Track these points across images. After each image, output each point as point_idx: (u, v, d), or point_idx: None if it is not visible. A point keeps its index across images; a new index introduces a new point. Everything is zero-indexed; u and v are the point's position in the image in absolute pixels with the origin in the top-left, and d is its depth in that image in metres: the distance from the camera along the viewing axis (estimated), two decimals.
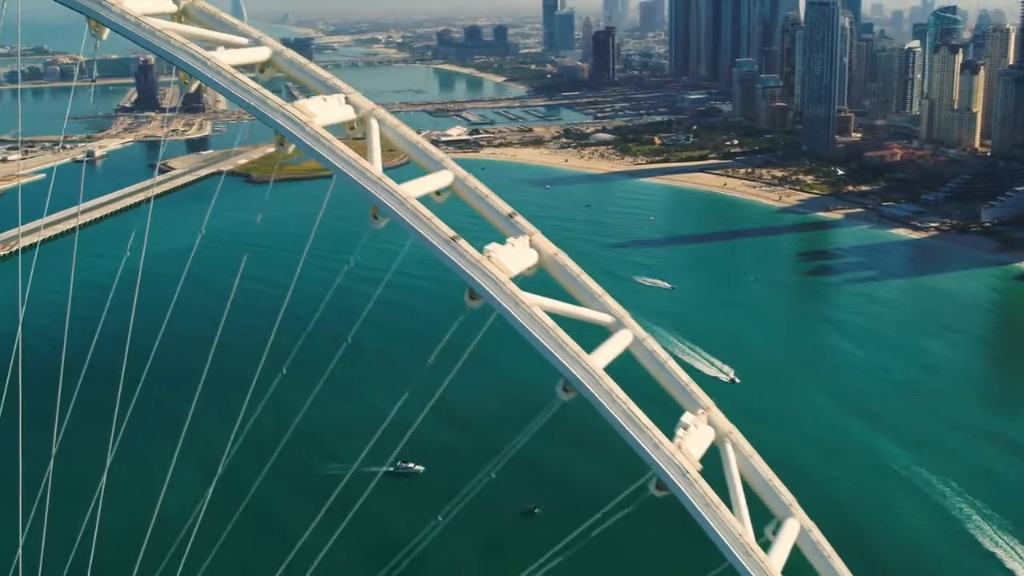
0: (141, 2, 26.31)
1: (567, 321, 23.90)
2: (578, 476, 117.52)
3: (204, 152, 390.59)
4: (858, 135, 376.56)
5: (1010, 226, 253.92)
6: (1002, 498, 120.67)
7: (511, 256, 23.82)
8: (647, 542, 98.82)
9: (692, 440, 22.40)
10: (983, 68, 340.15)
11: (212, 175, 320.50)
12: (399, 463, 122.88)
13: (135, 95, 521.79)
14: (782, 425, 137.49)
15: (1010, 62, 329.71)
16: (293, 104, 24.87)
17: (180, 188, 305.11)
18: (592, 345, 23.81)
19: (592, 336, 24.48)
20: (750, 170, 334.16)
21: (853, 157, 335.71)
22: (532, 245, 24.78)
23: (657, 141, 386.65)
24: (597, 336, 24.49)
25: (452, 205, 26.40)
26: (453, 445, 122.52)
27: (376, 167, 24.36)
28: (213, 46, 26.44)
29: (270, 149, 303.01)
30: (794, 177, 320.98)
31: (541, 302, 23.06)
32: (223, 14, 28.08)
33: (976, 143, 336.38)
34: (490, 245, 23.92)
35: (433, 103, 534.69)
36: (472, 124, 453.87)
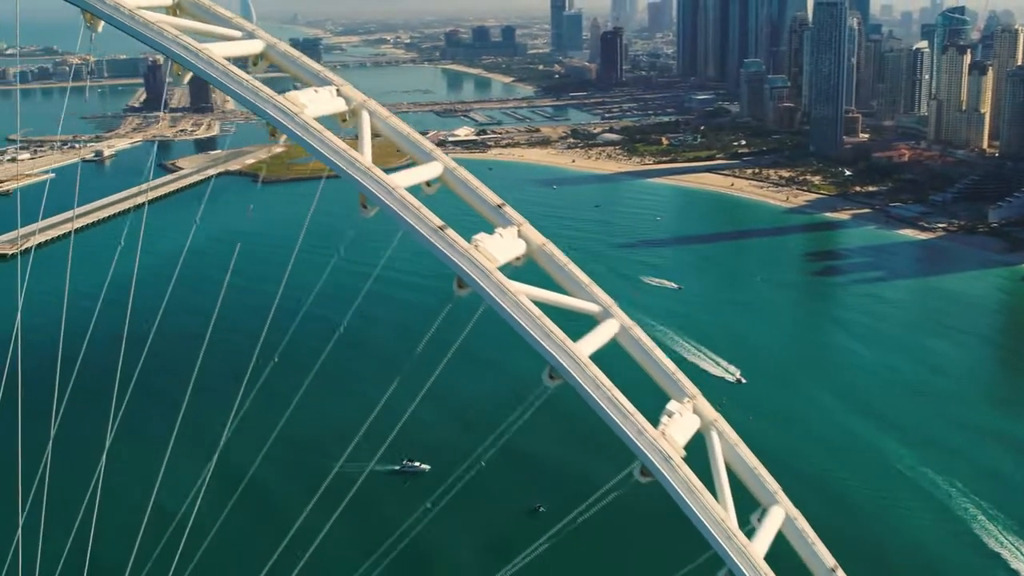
0: None
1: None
2: (581, 475, 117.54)
3: (212, 152, 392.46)
4: (866, 136, 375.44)
5: (1018, 227, 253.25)
6: (1008, 498, 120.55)
7: (498, 246, 23.95)
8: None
9: (676, 427, 22.48)
10: (991, 69, 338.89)
11: (220, 174, 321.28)
12: (405, 462, 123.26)
13: (144, 95, 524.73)
14: (788, 425, 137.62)
15: (1018, 63, 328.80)
16: (284, 95, 25.06)
17: (187, 188, 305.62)
18: (580, 334, 23.93)
19: (580, 326, 24.61)
20: (757, 170, 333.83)
21: (861, 158, 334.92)
22: (520, 235, 24.88)
23: (664, 141, 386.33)
24: (585, 326, 24.63)
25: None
26: (463, 445, 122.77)
27: (366, 157, 24.53)
28: (207, 39, 26.68)
29: (278, 149, 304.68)
30: (801, 178, 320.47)
31: (528, 291, 23.19)
32: (217, 7, 28.33)
33: (984, 144, 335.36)
34: (478, 235, 24.07)
35: (441, 103, 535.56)
36: (479, 124, 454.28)
